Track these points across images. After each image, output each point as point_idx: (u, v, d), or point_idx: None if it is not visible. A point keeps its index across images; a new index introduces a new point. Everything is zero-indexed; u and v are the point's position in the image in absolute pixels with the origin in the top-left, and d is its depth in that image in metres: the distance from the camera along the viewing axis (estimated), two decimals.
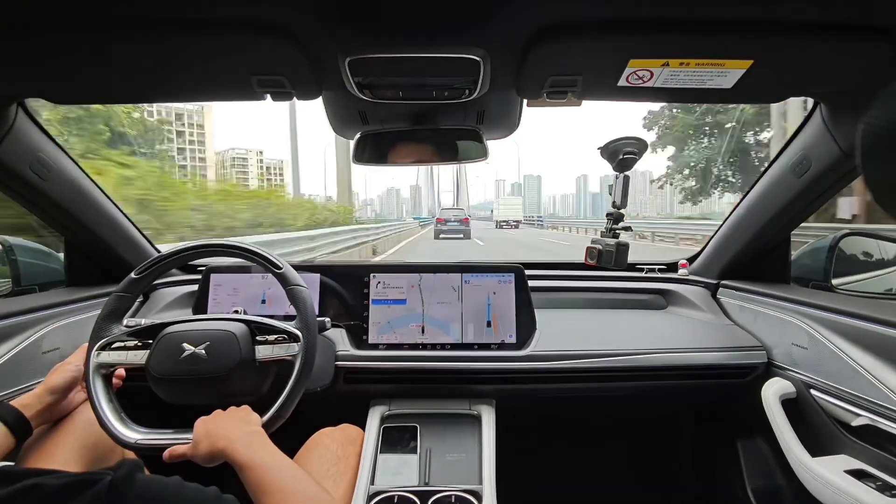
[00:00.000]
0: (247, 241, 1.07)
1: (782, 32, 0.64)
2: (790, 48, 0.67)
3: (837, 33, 0.63)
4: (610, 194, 1.09)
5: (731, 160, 19.81)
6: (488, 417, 0.99)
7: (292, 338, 0.79)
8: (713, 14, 0.62)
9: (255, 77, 0.74)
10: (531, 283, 1.11)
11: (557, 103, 0.83)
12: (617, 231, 1.09)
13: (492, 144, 1.04)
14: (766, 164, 1.09)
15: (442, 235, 18.09)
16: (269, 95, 0.78)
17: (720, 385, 1.10)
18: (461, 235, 17.83)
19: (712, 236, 1.31)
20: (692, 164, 21.46)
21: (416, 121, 0.99)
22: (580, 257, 1.10)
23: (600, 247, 1.09)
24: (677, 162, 22.39)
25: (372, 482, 0.85)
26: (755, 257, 1.20)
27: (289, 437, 0.79)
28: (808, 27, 0.63)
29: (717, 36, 0.64)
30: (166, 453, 0.71)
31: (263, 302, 1.13)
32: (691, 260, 1.40)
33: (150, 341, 0.78)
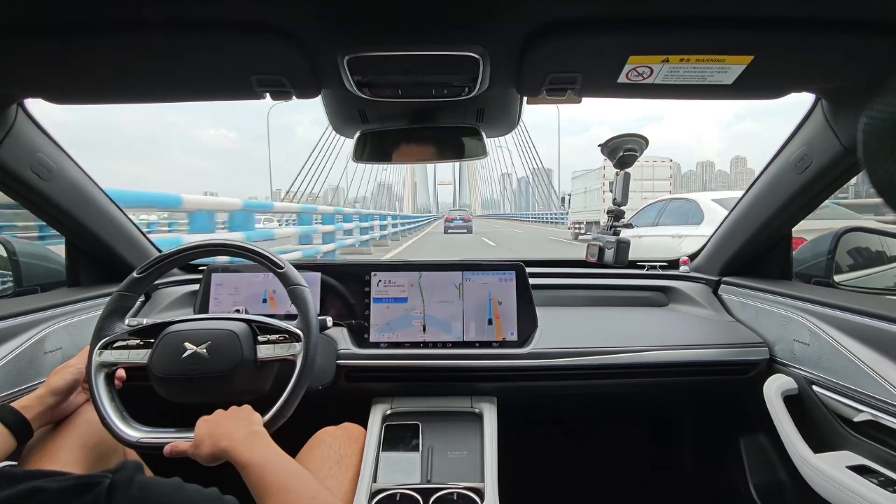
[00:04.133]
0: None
1: (782, 28, 0.63)
2: (790, 44, 0.67)
3: (838, 29, 0.63)
4: (611, 191, 1.09)
5: None
6: (490, 415, 0.99)
7: (294, 337, 0.79)
8: (713, 10, 0.61)
9: (255, 76, 0.74)
10: (532, 280, 1.11)
11: (557, 100, 0.83)
12: (618, 228, 1.09)
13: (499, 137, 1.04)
14: (768, 161, 1.08)
15: (450, 231, 22.23)
16: (268, 94, 0.78)
17: (722, 382, 1.10)
18: (465, 231, 21.89)
19: (714, 233, 1.30)
20: None
21: (416, 119, 0.99)
22: None
23: (601, 244, 1.10)
24: None
25: (374, 480, 0.85)
26: (757, 254, 1.20)
27: (291, 436, 0.79)
28: (808, 23, 0.63)
29: (717, 32, 0.64)
30: (167, 448, 0.71)
31: (265, 301, 1.13)
32: (693, 257, 1.40)
33: (152, 340, 0.79)
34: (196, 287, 1.20)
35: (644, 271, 1.39)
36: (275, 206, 7.66)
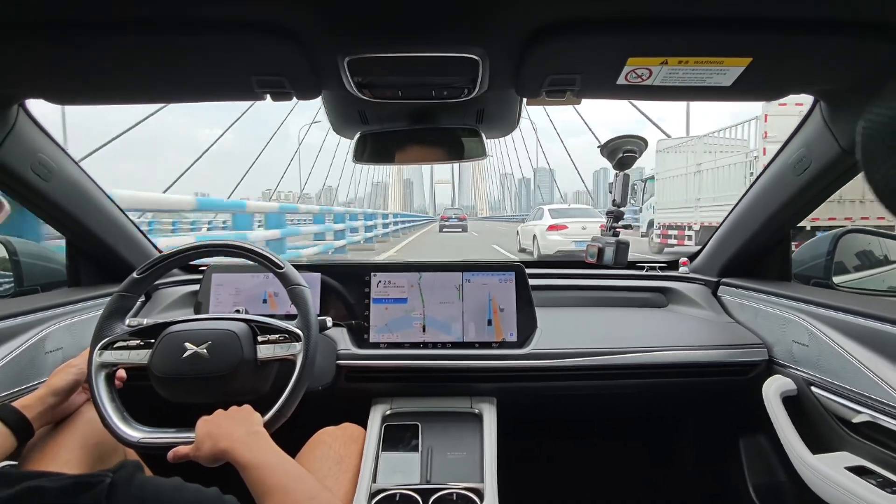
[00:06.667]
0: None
1: (781, 30, 0.64)
2: (789, 45, 0.67)
3: (836, 30, 0.63)
4: (610, 192, 1.09)
5: None
6: (489, 415, 0.99)
7: (294, 337, 0.80)
8: (712, 12, 0.62)
9: (255, 77, 0.74)
10: (532, 281, 1.11)
11: (556, 102, 0.83)
12: (617, 229, 1.10)
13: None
14: (767, 162, 1.08)
15: (445, 229, 22.56)
16: (268, 95, 0.78)
17: (721, 382, 1.10)
18: (460, 230, 22.37)
19: (713, 234, 1.31)
20: None
21: (416, 120, 0.99)
22: None
23: (600, 245, 1.10)
24: None
25: (374, 480, 0.85)
26: (756, 255, 1.20)
27: (290, 436, 0.80)
28: (806, 24, 0.63)
29: (715, 34, 0.64)
30: (170, 454, 0.71)
31: (265, 301, 1.13)
32: (692, 258, 1.40)
33: (153, 341, 0.79)
34: (196, 287, 1.20)
35: (643, 272, 1.40)
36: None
